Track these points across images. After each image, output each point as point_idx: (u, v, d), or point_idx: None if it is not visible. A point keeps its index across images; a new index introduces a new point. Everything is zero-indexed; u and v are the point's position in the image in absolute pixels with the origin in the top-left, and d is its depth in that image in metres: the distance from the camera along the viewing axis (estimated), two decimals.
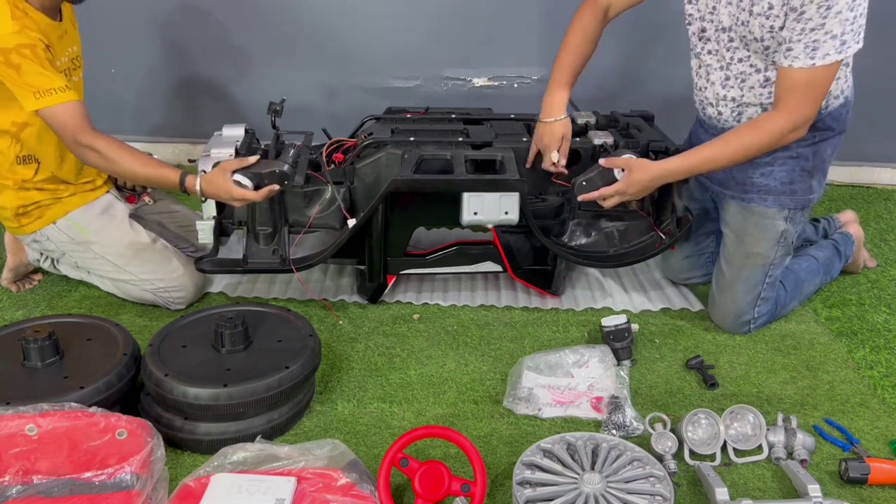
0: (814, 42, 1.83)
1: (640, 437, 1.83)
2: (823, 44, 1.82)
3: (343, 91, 3.27)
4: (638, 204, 2.35)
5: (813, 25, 1.81)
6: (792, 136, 1.95)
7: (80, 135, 2.00)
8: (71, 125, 1.99)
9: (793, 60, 1.86)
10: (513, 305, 2.39)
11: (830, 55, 1.83)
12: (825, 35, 1.81)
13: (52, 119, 1.99)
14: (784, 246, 2.17)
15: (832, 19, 1.79)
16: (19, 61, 1.92)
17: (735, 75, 2.04)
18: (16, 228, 2.24)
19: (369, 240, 2.24)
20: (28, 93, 1.95)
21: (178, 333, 1.92)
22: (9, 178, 2.15)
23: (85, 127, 2.01)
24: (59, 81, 1.97)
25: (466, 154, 2.22)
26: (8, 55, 1.91)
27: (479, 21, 3.15)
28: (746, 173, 2.11)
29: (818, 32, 1.81)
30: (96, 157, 2.02)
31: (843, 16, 1.79)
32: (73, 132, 1.99)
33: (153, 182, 2.13)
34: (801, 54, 1.85)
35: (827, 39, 1.82)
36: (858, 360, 2.17)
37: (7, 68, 1.92)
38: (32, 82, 1.94)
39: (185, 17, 3.17)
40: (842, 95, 2.04)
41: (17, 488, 1.53)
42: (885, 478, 1.72)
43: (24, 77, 1.93)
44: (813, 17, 1.80)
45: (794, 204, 2.10)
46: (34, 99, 1.95)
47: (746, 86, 2.03)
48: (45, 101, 1.95)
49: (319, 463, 1.60)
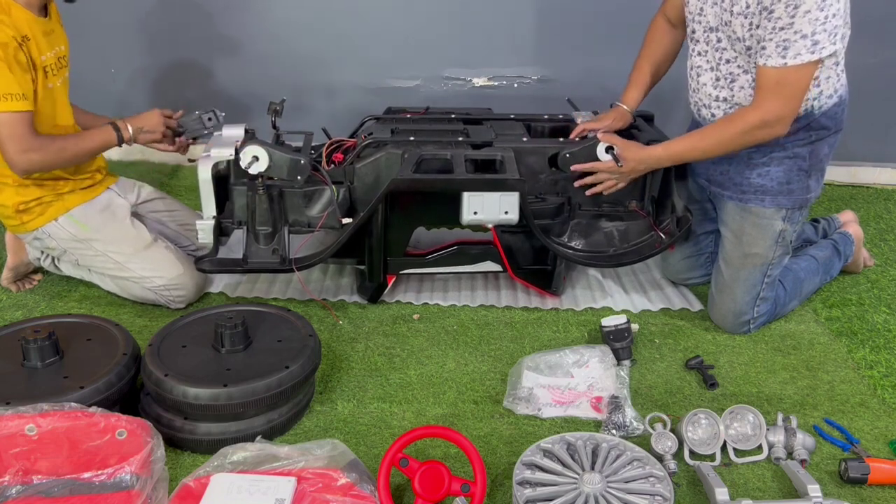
0: (784, 41, 1.86)
1: (640, 437, 1.83)
2: (794, 43, 1.85)
3: (343, 91, 3.27)
4: (638, 204, 2.35)
5: (782, 24, 1.84)
6: (763, 134, 1.97)
7: (23, 143, 1.99)
8: (18, 133, 1.98)
9: (766, 59, 1.90)
10: (513, 305, 2.39)
11: (802, 55, 1.86)
12: (795, 34, 1.84)
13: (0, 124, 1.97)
14: (782, 246, 2.17)
15: (801, 18, 1.82)
16: None
17: (724, 76, 2.06)
18: (17, 226, 2.24)
19: (369, 239, 2.24)
20: None
21: (178, 333, 1.92)
22: (8, 176, 2.15)
23: (30, 136, 2.00)
24: (16, 87, 1.95)
25: (466, 154, 2.22)
26: None
27: (479, 21, 3.15)
28: (744, 174, 2.12)
29: (788, 31, 1.84)
30: (39, 161, 2.04)
31: (811, 15, 1.81)
32: (18, 142, 1.98)
33: (98, 152, 2.19)
34: (773, 53, 1.88)
35: (797, 39, 1.84)
36: (858, 360, 2.17)
37: None
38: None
39: (185, 17, 3.17)
40: (836, 95, 2.04)
41: (17, 488, 1.53)
42: (885, 478, 1.72)
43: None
44: (782, 17, 1.83)
45: (792, 203, 2.11)
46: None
47: (736, 86, 2.04)
48: None
49: (319, 463, 1.60)
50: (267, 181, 2.16)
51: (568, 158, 2.22)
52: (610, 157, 2.19)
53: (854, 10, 1.99)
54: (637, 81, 2.34)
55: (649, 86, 2.35)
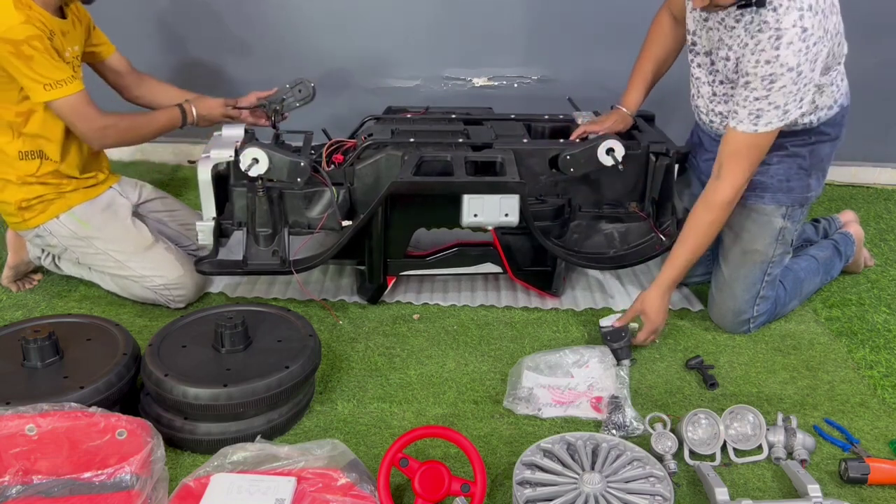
0: (758, 110, 1.90)
1: (640, 437, 1.83)
2: (766, 112, 1.90)
3: (343, 91, 3.27)
4: (638, 205, 2.35)
5: (757, 95, 1.88)
6: (737, 199, 2.02)
7: (92, 121, 2.08)
8: (84, 113, 2.07)
9: (738, 123, 1.94)
10: (513, 305, 2.39)
11: (773, 123, 1.91)
12: (769, 105, 1.89)
13: (63, 109, 2.05)
14: (783, 244, 2.17)
15: (776, 93, 1.86)
16: (31, 53, 1.95)
17: (720, 94, 2.09)
18: (19, 223, 2.25)
19: (369, 241, 2.24)
20: (38, 85, 1.99)
21: (178, 333, 1.92)
22: (11, 174, 2.15)
23: (96, 113, 2.10)
24: (67, 72, 2.03)
25: (466, 156, 2.21)
26: (19, 46, 1.94)
27: (479, 21, 3.15)
28: None
29: (762, 102, 1.89)
30: (113, 138, 2.15)
31: (787, 90, 1.86)
32: (88, 121, 2.08)
33: (164, 131, 2.29)
34: (745, 119, 1.92)
35: (770, 109, 1.89)
36: (858, 360, 2.17)
37: (17, 60, 1.95)
38: (44, 74, 1.98)
39: (185, 17, 3.17)
40: (836, 105, 2.06)
41: (17, 488, 1.53)
42: (885, 478, 1.72)
43: (36, 69, 1.97)
44: (757, 88, 1.88)
45: (791, 201, 2.12)
46: (44, 91, 2.00)
47: (733, 102, 2.04)
48: (56, 93, 2.01)
49: (319, 463, 1.60)
50: (267, 183, 2.16)
51: (568, 160, 2.22)
52: (611, 160, 2.18)
53: (854, 11, 2.00)
54: (638, 83, 2.34)
55: (650, 85, 2.35)
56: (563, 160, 2.22)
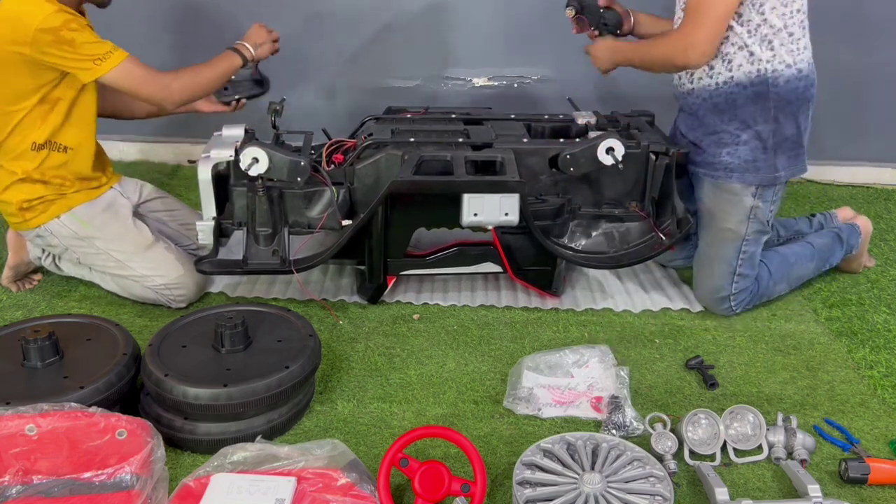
0: None
1: (640, 437, 1.83)
2: None
3: (343, 91, 3.27)
4: (638, 204, 2.35)
5: None
6: (683, 58, 2.09)
7: (153, 82, 2.10)
8: (142, 76, 2.08)
9: None
10: (513, 305, 2.39)
11: None
12: None
13: (119, 78, 2.06)
14: (755, 222, 2.22)
15: None
16: (71, 36, 1.97)
17: None
18: (20, 223, 2.25)
19: (369, 240, 2.24)
20: (87, 62, 2.00)
21: (178, 333, 1.92)
22: (13, 173, 2.15)
23: (152, 73, 2.11)
24: (109, 45, 2.04)
25: (466, 155, 2.21)
26: (58, 33, 1.96)
27: (479, 21, 3.15)
28: (715, 153, 2.21)
29: None
30: (179, 91, 2.15)
31: None
32: (148, 83, 2.10)
33: (227, 75, 2.28)
34: None
35: None
36: (858, 360, 2.17)
37: (58, 47, 1.97)
38: (89, 51, 2.00)
39: (184, 16, 3.17)
40: (794, 66, 2.09)
41: (17, 488, 1.53)
42: (885, 478, 1.72)
43: (80, 49, 1.99)
44: None
45: (759, 181, 2.18)
46: (95, 66, 2.01)
47: None
48: (106, 65, 2.03)
49: (319, 463, 1.60)
50: (267, 182, 2.16)
51: (568, 160, 2.22)
52: (611, 159, 2.19)
53: (853, 11, 2.00)
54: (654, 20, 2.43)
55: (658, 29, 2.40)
56: (562, 159, 2.22)
